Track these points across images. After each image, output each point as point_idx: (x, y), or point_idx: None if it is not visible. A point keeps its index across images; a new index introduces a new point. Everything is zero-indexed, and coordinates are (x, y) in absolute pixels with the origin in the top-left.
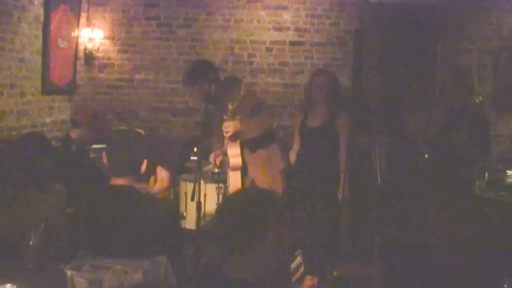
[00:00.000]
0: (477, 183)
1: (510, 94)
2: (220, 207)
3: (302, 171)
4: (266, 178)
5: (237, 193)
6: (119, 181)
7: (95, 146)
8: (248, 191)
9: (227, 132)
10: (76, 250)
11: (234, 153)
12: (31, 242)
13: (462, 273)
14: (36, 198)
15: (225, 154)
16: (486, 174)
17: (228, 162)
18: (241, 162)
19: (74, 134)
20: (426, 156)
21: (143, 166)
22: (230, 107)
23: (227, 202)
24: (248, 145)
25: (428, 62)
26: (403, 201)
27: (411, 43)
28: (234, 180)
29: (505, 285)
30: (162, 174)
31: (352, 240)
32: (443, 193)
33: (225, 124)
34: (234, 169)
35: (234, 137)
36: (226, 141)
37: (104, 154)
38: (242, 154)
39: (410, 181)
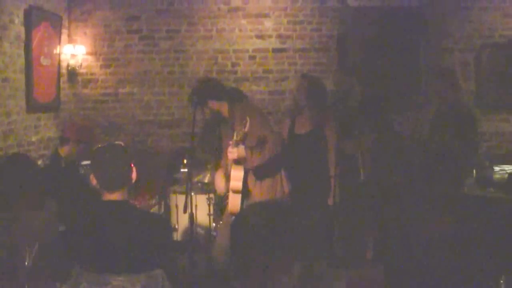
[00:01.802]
0: (465, 181)
1: (493, 91)
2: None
3: (292, 177)
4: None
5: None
6: (113, 196)
7: (84, 162)
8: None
9: (230, 154)
10: (71, 268)
11: (236, 177)
12: (26, 262)
13: (454, 271)
14: (29, 217)
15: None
16: (474, 171)
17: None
18: (240, 187)
19: (63, 151)
20: (414, 156)
21: (133, 175)
22: (235, 138)
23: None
24: (253, 171)
25: (412, 63)
26: (390, 200)
27: (394, 45)
28: (233, 202)
29: (501, 281)
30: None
31: (345, 243)
32: (432, 192)
33: (230, 149)
34: (234, 192)
35: (237, 162)
36: (230, 162)
37: (91, 175)
38: (245, 178)
39: (397, 180)
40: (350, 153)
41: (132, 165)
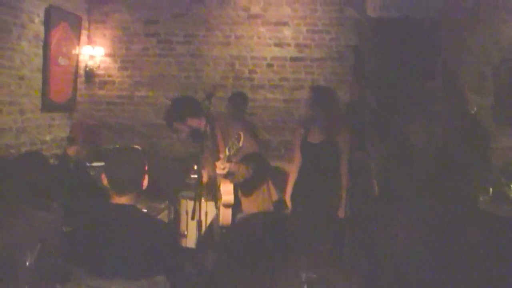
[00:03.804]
0: (481, 198)
1: (511, 106)
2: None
3: (302, 187)
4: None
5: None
6: (122, 200)
7: (94, 164)
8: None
9: (222, 170)
10: (73, 270)
11: (227, 191)
12: (27, 263)
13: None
14: (33, 217)
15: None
16: (490, 189)
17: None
18: (232, 200)
19: (71, 151)
20: (427, 168)
21: (145, 182)
22: (227, 153)
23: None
24: (242, 184)
25: (429, 75)
26: (402, 213)
27: (411, 57)
28: (224, 215)
29: None
30: None
31: (354, 256)
32: (446, 207)
33: (220, 165)
34: (226, 206)
35: (226, 176)
36: (219, 177)
37: (103, 175)
38: (235, 191)
39: (410, 194)
40: (361, 161)
41: (146, 170)
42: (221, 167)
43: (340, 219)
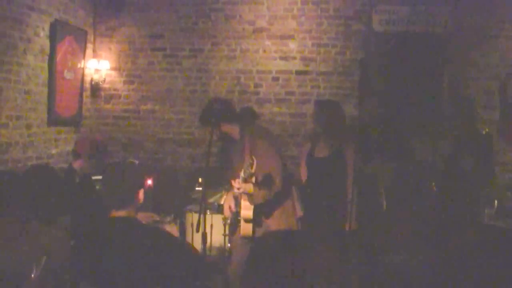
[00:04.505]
0: (486, 211)
1: None
2: None
3: (308, 201)
4: (283, 227)
5: None
6: (120, 213)
7: (99, 177)
8: None
9: (238, 189)
10: (78, 283)
11: (246, 206)
12: (32, 275)
13: None
14: (39, 231)
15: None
16: (495, 202)
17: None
18: (251, 215)
19: (76, 165)
20: (433, 184)
21: (141, 196)
22: (242, 175)
23: None
24: (261, 205)
25: (435, 90)
26: (409, 228)
27: (417, 72)
28: (245, 229)
29: None
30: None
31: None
32: (451, 221)
33: (237, 185)
34: (246, 221)
35: (245, 198)
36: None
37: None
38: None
39: (417, 209)
40: (369, 176)
41: (149, 183)
42: (237, 186)
43: (347, 232)
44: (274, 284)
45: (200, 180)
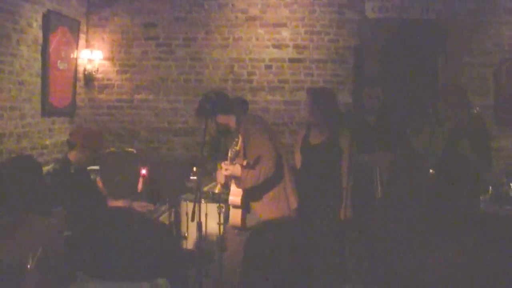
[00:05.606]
0: (481, 198)
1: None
2: None
3: (303, 188)
4: (274, 215)
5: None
6: (117, 203)
7: (94, 167)
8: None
9: (224, 173)
10: (75, 273)
11: (235, 192)
12: (28, 266)
13: None
14: (35, 222)
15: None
16: (490, 188)
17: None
18: (240, 202)
19: (71, 155)
20: (431, 171)
21: (140, 185)
22: (229, 154)
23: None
24: (248, 190)
25: (430, 77)
26: (405, 217)
27: (411, 59)
28: (234, 216)
29: None
30: None
31: (355, 259)
32: (449, 210)
33: (224, 166)
34: (234, 207)
35: (232, 180)
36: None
37: (98, 178)
38: (246, 193)
39: (414, 197)
40: (366, 164)
41: (143, 173)
42: (225, 167)
43: (342, 220)
44: (273, 281)
45: (194, 169)
